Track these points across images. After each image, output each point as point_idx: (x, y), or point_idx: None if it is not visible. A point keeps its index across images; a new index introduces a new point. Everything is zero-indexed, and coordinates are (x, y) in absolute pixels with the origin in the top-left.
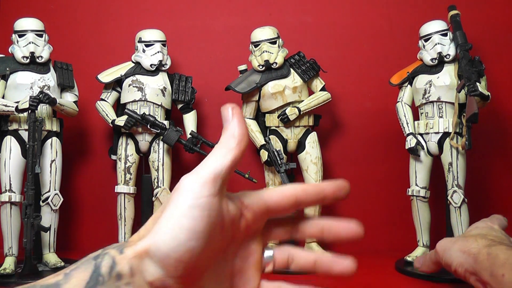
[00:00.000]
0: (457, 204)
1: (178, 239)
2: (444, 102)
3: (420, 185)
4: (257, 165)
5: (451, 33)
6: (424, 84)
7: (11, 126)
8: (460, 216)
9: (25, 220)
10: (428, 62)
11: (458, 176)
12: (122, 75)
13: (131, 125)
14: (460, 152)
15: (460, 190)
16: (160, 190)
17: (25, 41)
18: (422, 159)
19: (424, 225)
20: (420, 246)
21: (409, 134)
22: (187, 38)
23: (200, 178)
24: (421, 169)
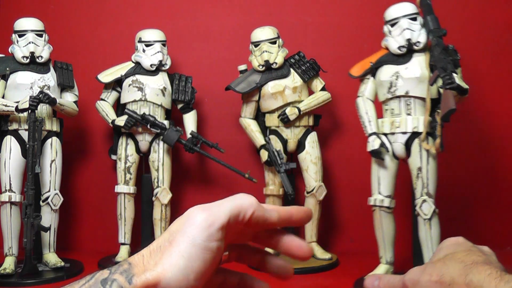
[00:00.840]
0: (427, 216)
1: (188, 279)
2: (413, 97)
3: (384, 194)
4: (257, 165)
5: (422, 18)
6: (389, 76)
7: (11, 126)
8: (430, 230)
9: (25, 220)
10: (395, 51)
11: (429, 183)
12: (122, 75)
13: (131, 125)
14: (431, 155)
15: (431, 200)
16: (160, 190)
17: (25, 41)
18: (387, 164)
19: (388, 239)
20: (382, 264)
21: (371, 134)
22: (187, 38)
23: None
24: (385, 175)
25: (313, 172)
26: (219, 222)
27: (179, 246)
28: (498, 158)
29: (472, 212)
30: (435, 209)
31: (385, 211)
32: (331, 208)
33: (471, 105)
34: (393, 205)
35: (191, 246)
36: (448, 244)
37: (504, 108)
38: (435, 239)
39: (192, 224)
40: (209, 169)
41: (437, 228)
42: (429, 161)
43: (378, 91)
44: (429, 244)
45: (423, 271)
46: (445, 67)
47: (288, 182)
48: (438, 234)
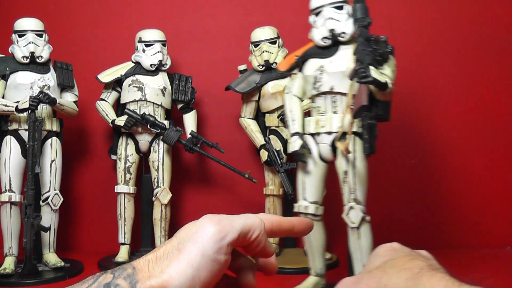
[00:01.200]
0: (355, 224)
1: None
2: (339, 93)
3: (309, 200)
4: (257, 165)
5: (351, 7)
6: (314, 70)
7: (11, 126)
8: (359, 240)
9: (25, 220)
10: (319, 42)
11: (356, 188)
12: (122, 75)
13: (131, 125)
14: (358, 157)
15: (359, 206)
16: (160, 190)
17: (25, 41)
18: (311, 167)
19: (317, 249)
20: (311, 276)
21: (294, 134)
22: (187, 38)
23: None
24: (310, 180)
25: None
26: (231, 236)
27: (189, 255)
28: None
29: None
30: (364, 216)
31: (311, 219)
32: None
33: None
34: (319, 212)
35: (201, 257)
36: (383, 251)
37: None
38: (365, 249)
39: (204, 235)
40: (209, 169)
41: (368, 237)
42: (356, 164)
43: (305, 87)
44: (358, 254)
45: (358, 282)
46: (362, 60)
47: (288, 182)
48: (369, 244)
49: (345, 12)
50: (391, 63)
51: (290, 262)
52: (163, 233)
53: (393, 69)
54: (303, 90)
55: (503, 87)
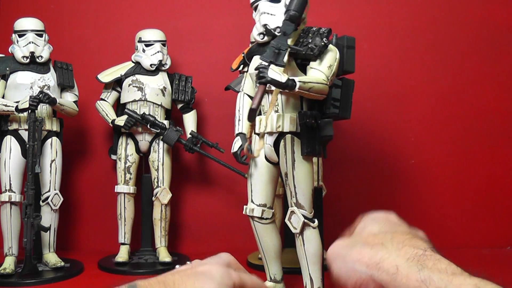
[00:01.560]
0: (297, 230)
1: None
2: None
3: (256, 202)
4: None
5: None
6: (254, 67)
7: (11, 126)
8: (302, 246)
9: (25, 220)
10: (257, 39)
11: (297, 191)
12: (122, 75)
13: (131, 125)
14: (297, 159)
15: (301, 211)
16: (160, 190)
17: (25, 41)
18: (255, 169)
19: (269, 253)
20: (267, 281)
21: (237, 135)
22: (187, 38)
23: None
24: (257, 182)
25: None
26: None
27: None
28: None
29: None
30: (305, 221)
31: (259, 222)
32: (332, 208)
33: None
34: (267, 215)
35: None
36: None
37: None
38: (310, 256)
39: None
40: (209, 169)
41: (313, 243)
42: (296, 166)
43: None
44: (304, 261)
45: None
46: (266, 57)
47: None
48: (315, 250)
49: (282, 5)
50: (328, 57)
51: (290, 262)
52: (163, 233)
53: (331, 63)
54: (253, 88)
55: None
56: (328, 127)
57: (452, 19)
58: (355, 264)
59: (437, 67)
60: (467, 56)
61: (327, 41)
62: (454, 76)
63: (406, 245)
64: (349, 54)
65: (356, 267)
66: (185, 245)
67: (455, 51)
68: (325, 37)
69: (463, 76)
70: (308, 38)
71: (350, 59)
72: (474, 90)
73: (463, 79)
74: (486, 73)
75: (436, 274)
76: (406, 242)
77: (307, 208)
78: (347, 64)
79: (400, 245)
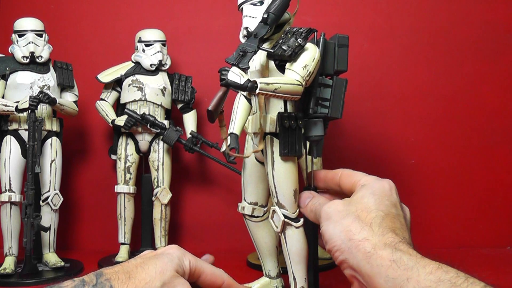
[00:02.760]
0: (278, 229)
1: None
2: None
3: (247, 201)
4: None
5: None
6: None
7: (11, 126)
8: (285, 245)
9: (25, 220)
10: (242, 40)
11: (277, 191)
12: (122, 75)
13: (131, 125)
14: (276, 159)
15: (282, 210)
16: (160, 190)
17: (25, 41)
18: (247, 168)
19: (263, 250)
20: (263, 276)
21: (229, 134)
22: (187, 38)
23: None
24: (248, 180)
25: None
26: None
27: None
28: None
29: None
30: (285, 221)
31: (250, 220)
32: None
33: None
34: (258, 213)
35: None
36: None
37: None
38: (292, 255)
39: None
40: (209, 169)
41: (295, 242)
42: (275, 166)
43: None
44: (287, 261)
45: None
46: (231, 59)
47: None
48: (297, 249)
49: (264, 8)
50: (303, 57)
51: None
52: (163, 233)
53: (306, 64)
54: None
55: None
56: (317, 127)
57: (452, 19)
58: (341, 233)
59: (437, 66)
60: (467, 55)
61: (302, 41)
62: (454, 76)
63: (390, 231)
64: (341, 52)
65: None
66: (185, 245)
67: (455, 51)
68: (302, 37)
69: (463, 75)
70: (285, 39)
71: (342, 58)
72: (474, 89)
73: (463, 79)
74: (486, 72)
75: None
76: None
77: (288, 208)
78: (339, 63)
79: (385, 230)
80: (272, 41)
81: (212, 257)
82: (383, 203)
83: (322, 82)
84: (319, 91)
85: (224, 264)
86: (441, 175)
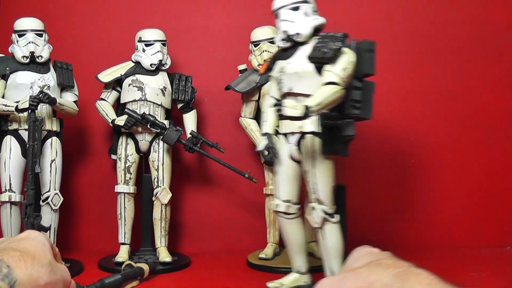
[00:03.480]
0: (318, 225)
1: None
2: (299, 94)
3: (281, 198)
4: (257, 165)
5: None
6: (277, 72)
7: (11, 126)
8: (323, 240)
9: (25, 220)
10: (279, 45)
11: (318, 188)
12: (122, 75)
13: (131, 124)
14: (318, 157)
15: (321, 207)
16: (160, 190)
17: (25, 41)
18: (282, 167)
19: (294, 247)
20: (292, 272)
21: (263, 135)
22: (187, 38)
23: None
24: (282, 179)
25: None
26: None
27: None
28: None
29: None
30: (325, 217)
31: (283, 217)
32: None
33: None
34: (292, 211)
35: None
36: (363, 254)
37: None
38: (331, 249)
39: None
40: (209, 169)
41: (334, 238)
42: (316, 164)
43: None
44: (324, 255)
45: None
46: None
47: None
48: (334, 244)
49: (301, 13)
50: (342, 60)
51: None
52: (163, 233)
53: (345, 66)
54: (278, 91)
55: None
56: (349, 127)
57: (452, 18)
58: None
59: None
60: (467, 55)
61: (341, 45)
62: (453, 75)
63: (392, 266)
64: (368, 57)
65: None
66: (185, 245)
67: (455, 50)
68: (340, 41)
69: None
70: (324, 43)
71: (369, 62)
72: (474, 89)
73: (462, 79)
74: (486, 71)
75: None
76: (392, 264)
77: (327, 204)
78: (366, 67)
79: (387, 267)
80: (307, 46)
81: None
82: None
83: (353, 85)
84: (352, 93)
85: (224, 264)
86: (441, 175)
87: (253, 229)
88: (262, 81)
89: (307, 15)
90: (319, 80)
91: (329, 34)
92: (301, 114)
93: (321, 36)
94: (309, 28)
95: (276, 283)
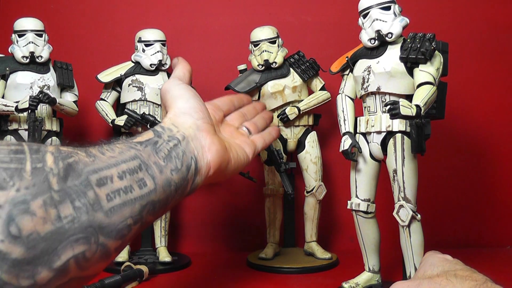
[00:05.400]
0: (405, 223)
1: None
2: (387, 93)
3: (361, 197)
4: (257, 164)
5: (398, 6)
6: (362, 71)
7: (11, 126)
8: (409, 238)
9: None
10: (367, 44)
11: (405, 186)
12: (122, 75)
13: (131, 124)
14: (407, 156)
15: (409, 205)
16: None
17: (25, 41)
18: (363, 166)
19: (370, 246)
20: (366, 271)
21: (345, 134)
22: (187, 38)
23: (176, 78)
24: (362, 178)
25: (313, 171)
26: (179, 78)
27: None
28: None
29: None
30: (413, 214)
31: (362, 216)
32: (331, 208)
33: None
34: (371, 209)
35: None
36: (438, 260)
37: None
38: (415, 247)
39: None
40: None
41: (418, 235)
42: (405, 163)
43: (356, 87)
44: (409, 253)
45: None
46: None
47: (288, 182)
48: (420, 242)
49: (392, 12)
50: (436, 60)
51: (289, 261)
52: (163, 233)
53: (438, 67)
54: (354, 90)
55: (504, 86)
56: (428, 126)
57: (452, 17)
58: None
59: None
60: (467, 55)
61: (435, 45)
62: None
63: (469, 279)
64: (444, 58)
65: None
66: (185, 245)
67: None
68: (431, 42)
69: (463, 75)
70: (416, 43)
71: (444, 63)
72: (474, 89)
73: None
74: (486, 71)
75: None
76: (468, 276)
77: (413, 203)
78: (443, 68)
79: (464, 279)
80: (397, 45)
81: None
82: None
83: None
84: None
85: (224, 264)
86: (441, 175)
87: (253, 229)
88: (261, 81)
89: (396, 15)
90: (409, 80)
91: (418, 35)
92: (415, 113)
93: (411, 37)
94: (400, 28)
95: (351, 283)
